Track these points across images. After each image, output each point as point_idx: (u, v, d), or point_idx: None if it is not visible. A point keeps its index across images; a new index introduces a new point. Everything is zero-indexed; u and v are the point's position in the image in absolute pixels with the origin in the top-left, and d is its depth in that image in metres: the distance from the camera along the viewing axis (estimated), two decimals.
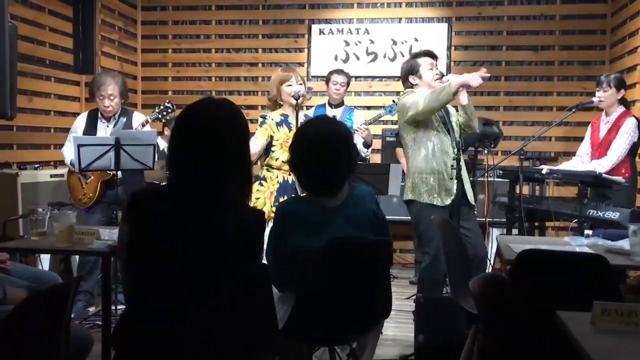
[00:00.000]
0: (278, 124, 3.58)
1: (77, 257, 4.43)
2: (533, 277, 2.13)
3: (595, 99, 4.41)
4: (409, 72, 3.80)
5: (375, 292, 2.29)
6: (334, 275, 2.16)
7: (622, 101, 4.31)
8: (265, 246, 2.02)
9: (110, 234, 2.73)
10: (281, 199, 3.46)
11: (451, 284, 3.06)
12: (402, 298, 4.66)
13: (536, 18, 5.90)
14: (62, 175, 4.40)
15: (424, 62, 3.73)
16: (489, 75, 3.40)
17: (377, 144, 5.96)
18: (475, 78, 3.37)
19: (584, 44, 5.85)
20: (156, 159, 3.95)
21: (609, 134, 4.23)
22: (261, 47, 6.31)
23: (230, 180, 1.82)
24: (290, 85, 3.56)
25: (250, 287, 1.77)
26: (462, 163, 3.65)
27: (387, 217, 5.85)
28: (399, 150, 5.22)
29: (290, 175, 3.47)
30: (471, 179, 4.40)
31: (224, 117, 1.86)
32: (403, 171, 4.32)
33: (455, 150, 3.54)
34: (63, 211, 2.82)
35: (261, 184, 3.63)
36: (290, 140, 3.39)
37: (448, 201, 3.57)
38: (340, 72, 5.10)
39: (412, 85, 3.79)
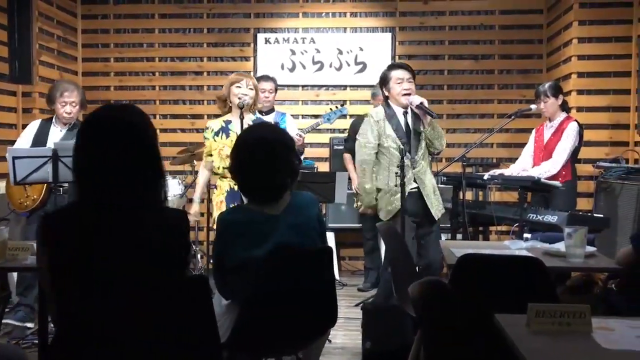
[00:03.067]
0: (216, 133, 3.61)
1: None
2: (473, 281, 2.17)
3: (533, 107, 4.58)
4: (381, 84, 3.90)
5: (320, 300, 2.29)
6: (278, 284, 2.15)
7: (563, 106, 4.48)
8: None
9: None
10: (232, 206, 3.46)
11: (396, 290, 3.09)
12: (351, 305, 4.67)
13: (476, 28, 6.06)
14: None
15: (394, 75, 3.82)
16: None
17: (324, 152, 5.99)
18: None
19: (522, 53, 6.04)
20: None
21: (553, 137, 4.38)
22: (206, 56, 6.24)
23: (144, 184, 1.78)
24: (240, 87, 3.59)
25: (187, 299, 1.73)
26: (425, 178, 3.83)
27: (335, 224, 5.89)
28: (347, 157, 5.26)
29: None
30: None
31: (131, 120, 1.81)
32: (349, 178, 4.37)
33: (415, 168, 3.75)
34: None
35: (213, 192, 3.76)
36: (225, 148, 3.43)
37: (390, 216, 3.75)
38: (266, 78, 4.98)
39: (386, 97, 3.88)
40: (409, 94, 3.76)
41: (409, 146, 3.75)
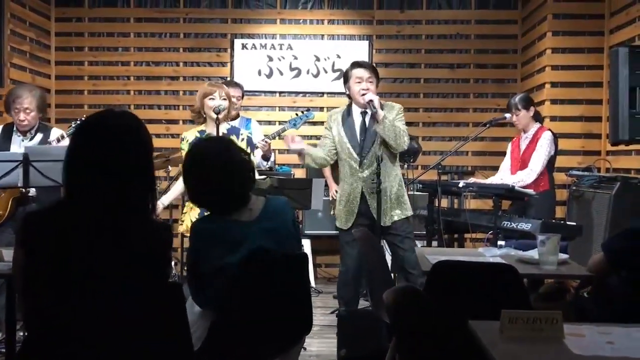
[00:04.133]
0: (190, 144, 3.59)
1: None
2: (447, 288, 2.18)
3: (507, 115, 4.63)
4: (344, 81, 3.87)
5: (296, 306, 2.27)
6: (252, 291, 2.13)
7: (536, 117, 4.54)
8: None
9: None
10: (205, 215, 3.45)
11: (371, 297, 3.08)
12: (327, 313, 4.65)
13: (452, 37, 6.12)
14: None
15: (354, 74, 3.75)
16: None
17: None
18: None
19: (498, 63, 6.12)
20: None
21: (528, 148, 4.44)
22: (182, 61, 6.20)
23: (133, 192, 1.76)
24: (213, 99, 3.59)
25: (161, 307, 1.70)
26: (383, 184, 3.59)
27: (312, 231, 5.87)
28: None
29: None
30: None
31: (127, 127, 1.80)
32: (326, 184, 4.36)
33: (363, 172, 3.66)
34: None
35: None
36: None
37: (350, 224, 3.70)
38: (234, 84, 4.90)
39: (349, 96, 3.84)
40: (365, 94, 3.71)
41: (359, 148, 3.69)
